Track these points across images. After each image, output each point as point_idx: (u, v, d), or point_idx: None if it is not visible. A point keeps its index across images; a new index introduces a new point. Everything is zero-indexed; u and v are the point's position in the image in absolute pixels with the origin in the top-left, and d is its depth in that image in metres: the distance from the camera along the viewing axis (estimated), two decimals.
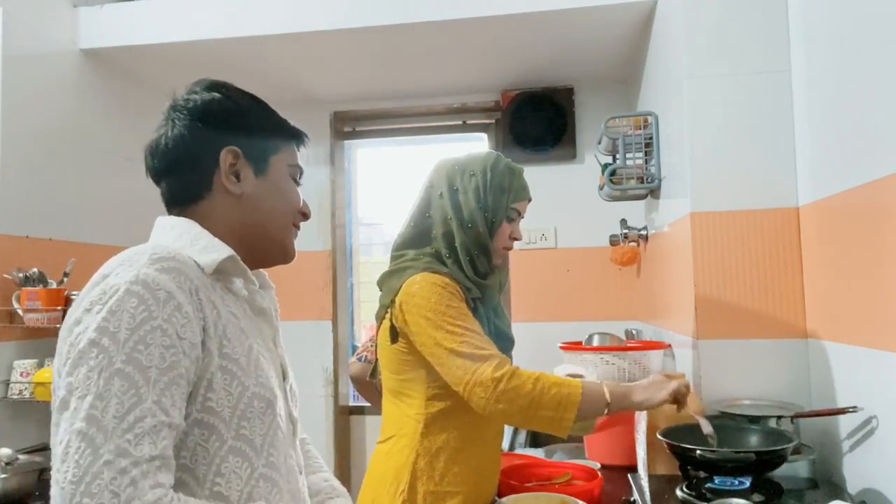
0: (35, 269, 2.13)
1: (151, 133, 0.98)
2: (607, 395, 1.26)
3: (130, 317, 0.77)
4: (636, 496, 1.34)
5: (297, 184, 1.03)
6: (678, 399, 1.30)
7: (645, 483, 1.32)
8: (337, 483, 1.14)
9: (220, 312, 0.86)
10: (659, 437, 1.38)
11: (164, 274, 0.81)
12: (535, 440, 2.42)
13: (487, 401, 1.25)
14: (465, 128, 3.18)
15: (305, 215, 1.04)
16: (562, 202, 2.94)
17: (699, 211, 1.71)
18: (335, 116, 3.17)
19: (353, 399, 3.12)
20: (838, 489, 1.39)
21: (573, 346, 1.90)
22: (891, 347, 1.22)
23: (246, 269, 0.94)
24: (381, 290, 1.51)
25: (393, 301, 1.41)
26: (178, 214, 0.96)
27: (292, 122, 1.04)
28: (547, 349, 2.14)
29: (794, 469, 1.44)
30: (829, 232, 1.49)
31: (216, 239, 0.92)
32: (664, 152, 2.09)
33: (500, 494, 1.42)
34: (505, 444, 2.19)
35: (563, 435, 1.26)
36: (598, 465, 1.61)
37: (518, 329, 3.04)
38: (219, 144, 0.95)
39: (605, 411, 1.27)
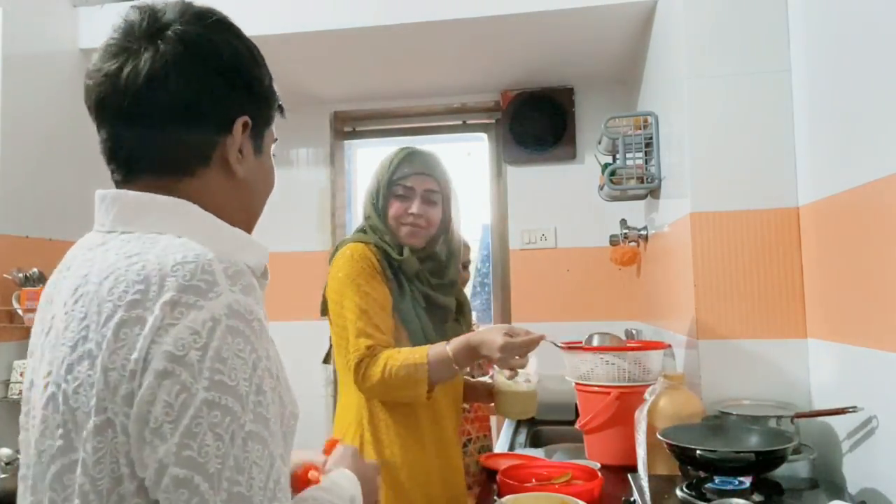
0: (35, 269, 2.14)
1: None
2: (450, 352, 1.42)
3: (243, 363, 0.63)
4: (636, 496, 1.34)
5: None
6: (507, 350, 1.40)
7: (645, 483, 1.32)
8: None
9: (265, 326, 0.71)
10: (659, 437, 1.38)
11: (249, 296, 0.66)
12: (535, 440, 2.42)
13: (357, 385, 1.45)
14: (465, 128, 3.18)
15: None
16: (562, 202, 2.94)
17: (699, 211, 1.71)
18: (335, 116, 3.17)
19: None
20: (838, 489, 1.39)
21: (573, 346, 1.90)
22: (891, 347, 1.22)
23: (268, 274, 0.81)
24: None
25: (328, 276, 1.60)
26: (152, 188, 0.72)
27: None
28: (547, 349, 2.14)
29: (794, 469, 1.44)
30: (829, 232, 1.49)
31: (238, 230, 0.76)
32: (664, 152, 2.09)
33: (500, 494, 1.42)
34: (505, 444, 2.19)
35: (421, 399, 1.42)
36: (598, 465, 1.61)
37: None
38: (234, 109, 0.75)
39: (455, 367, 1.43)
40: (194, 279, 0.63)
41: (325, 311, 1.60)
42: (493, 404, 1.69)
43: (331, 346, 1.65)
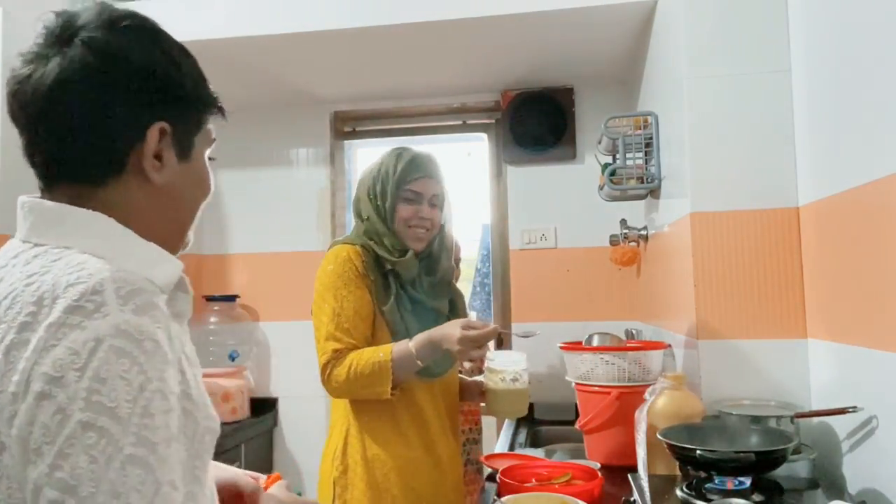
0: None
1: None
2: (412, 348, 1.47)
3: (126, 384, 0.60)
4: (636, 496, 1.34)
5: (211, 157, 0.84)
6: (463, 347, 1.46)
7: (645, 483, 1.32)
8: None
9: (176, 344, 0.69)
10: (659, 437, 1.38)
11: (143, 316, 0.64)
12: (535, 440, 2.42)
13: (323, 385, 1.51)
14: (465, 128, 3.18)
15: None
16: (562, 202, 2.94)
17: (699, 211, 1.71)
18: (335, 116, 3.17)
19: None
20: (838, 489, 1.39)
21: (573, 346, 1.90)
22: (891, 347, 1.22)
23: (187, 282, 0.79)
24: None
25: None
26: (65, 199, 0.72)
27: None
28: (547, 349, 2.14)
29: (794, 469, 1.44)
30: (829, 232, 1.49)
31: (151, 244, 0.73)
32: (664, 152, 2.09)
33: (500, 494, 1.42)
34: (505, 444, 2.19)
35: (385, 396, 1.48)
36: (598, 465, 1.61)
37: (518, 329, 3.04)
38: (147, 115, 0.72)
39: (419, 363, 1.48)
40: (82, 300, 0.62)
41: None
42: (483, 404, 1.71)
43: None
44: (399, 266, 1.57)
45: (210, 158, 0.83)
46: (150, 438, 0.61)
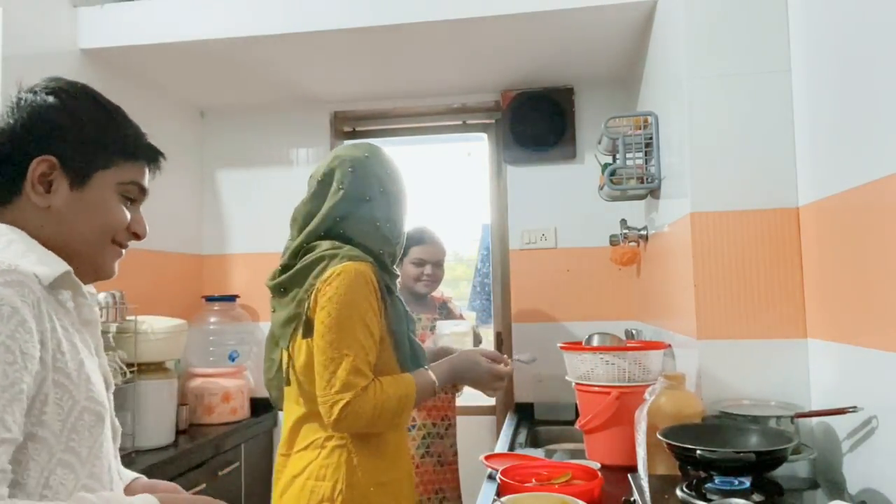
0: None
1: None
2: (435, 381, 1.48)
3: None
4: (636, 496, 1.34)
5: (132, 201, 1.00)
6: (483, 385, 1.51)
7: (645, 483, 1.32)
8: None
9: (55, 326, 0.86)
10: (659, 437, 1.38)
11: (9, 288, 0.81)
12: (535, 440, 2.43)
13: (335, 421, 1.37)
14: (465, 128, 3.18)
15: (137, 235, 1.01)
16: (562, 202, 2.94)
17: (699, 211, 1.71)
18: (335, 116, 3.17)
19: None
20: (838, 489, 1.39)
21: (573, 346, 1.90)
22: (891, 347, 1.22)
23: (79, 283, 0.93)
24: (284, 294, 1.53)
25: (312, 293, 1.43)
26: None
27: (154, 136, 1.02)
28: (547, 349, 2.14)
29: (794, 469, 1.44)
30: (829, 232, 1.49)
31: (48, 251, 0.90)
32: (664, 152, 2.09)
33: (500, 494, 1.42)
34: (505, 445, 2.19)
35: (402, 428, 1.51)
36: (598, 465, 1.61)
37: (518, 329, 3.05)
38: (34, 151, 0.92)
39: (435, 392, 1.50)
40: None
41: (308, 333, 1.44)
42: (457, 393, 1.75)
43: (291, 366, 1.51)
44: (395, 277, 1.57)
45: (129, 199, 1.00)
46: None
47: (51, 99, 0.95)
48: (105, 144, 0.97)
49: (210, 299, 3.03)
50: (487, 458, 1.80)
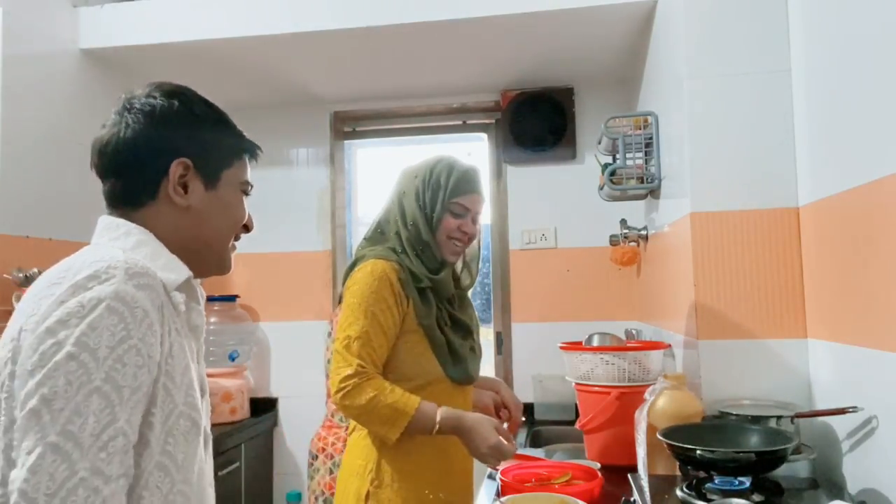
0: (35, 269, 2.13)
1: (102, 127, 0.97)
2: (437, 419, 1.41)
3: (111, 334, 0.78)
4: (636, 496, 1.34)
5: (246, 195, 1.04)
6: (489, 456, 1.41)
7: (645, 483, 1.32)
8: None
9: (170, 329, 0.87)
10: (659, 437, 1.38)
11: (142, 291, 0.82)
12: (535, 440, 2.43)
13: (335, 400, 1.43)
14: (465, 128, 3.18)
15: (248, 228, 1.05)
16: (562, 202, 2.94)
17: (699, 211, 1.71)
18: (335, 116, 3.17)
19: None
20: (838, 489, 1.39)
21: (573, 346, 1.90)
22: (891, 347, 1.22)
23: (195, 289, 0.95)
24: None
25: (343, 290, 1.54)
26: (120, 216, 0.95)
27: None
28: (547, 349, 2.14)
29: (794, 469, 1.44)
30: (829, 232, 1.49)
31: (174, 256, 0.93)
32: (664, 152, 2.09)
33: (500, 494, 1.42)
34: None
35: (389, 441, 1.42)
36: (598, 465, 1.61)
37: (518, 329, 3.05)
38: (170, 154, 0.94)
39: (434, 431, 1.41)
40: (99, 272, 0.82)
41: None
42: None
43: None
44: (437, 284, 1.55)
45: (246, 193, 1.03)
46: (117, 380, 0.78)
47: (176, 103, 0.96)
48: (227, 144, 1.00)
49: (210, 299, 3.03)
50: None
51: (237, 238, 1.04)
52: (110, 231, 0.93)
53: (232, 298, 3.06)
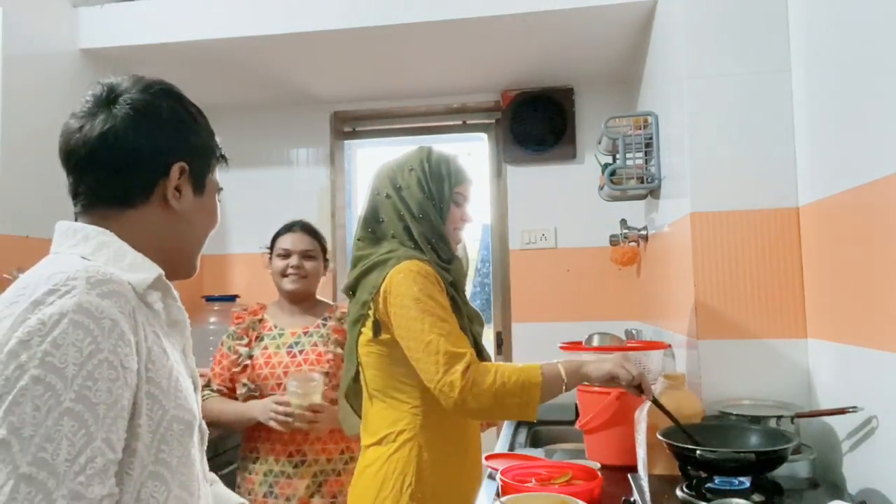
0: None
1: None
2: (563, 374, 1.35)
3: (77, 350, 0.74)
4: (636, 496, 1.34)
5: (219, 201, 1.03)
6: (624, 375, 1.37)
7: (645, 483, 1.32)
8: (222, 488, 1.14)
9: (146, 334, 0.83)
10: (659, 437, 1.38)
11: (107, 299, 0.78)
12: (535, 440, 2.42)
13: (457, 401, 1.31)
14: (465, 128, 3.18)
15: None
16: (562, 202, 2.94)
17: (699, 211, 1.71)
18: (335, 116, 3.17)
19: None
20: (838, 489, 1.39)
21: (573, 346, 1.90)
22: (891, 347, 1.22)
23: (170, 286, 0.91)
24: (354, 294, 1.57)
25: (374, 295, 1.46)
26: (98, 215, 0.90)
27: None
28: (547, 349, 2.14)
29: (794, 469, 1.44)
30: (829, 232, 1.49)
31: (139, 254, 0.88)
32: (664, 152, 2.09)
33: (500, 494, 1.42)
34: (505, 444, 2.19)
35: (532, 418, 1.34)
36: (598, 465, 1.61)
37: (518, 329, 3.05)
38: (171, 156, 0.91)
39: (564, 388, 1.36)
40: (59, 285, 0.77)
41: (378, 333, 1.47)
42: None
43: (358, 366, 1.56)
44: (455, 275, 1.55)
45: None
46: (89, 398, 0.73)
47: (173, 103, 0.93)
48: (211, 148, 0.98)
49: (210, 299, 3.03)
50: (487, 458, 1.79)
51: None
52: (68, 238, 0.89)
53: (232, 298, 3.05)
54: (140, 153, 0.89)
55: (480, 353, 1.54)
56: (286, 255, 2.06)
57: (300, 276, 2.06)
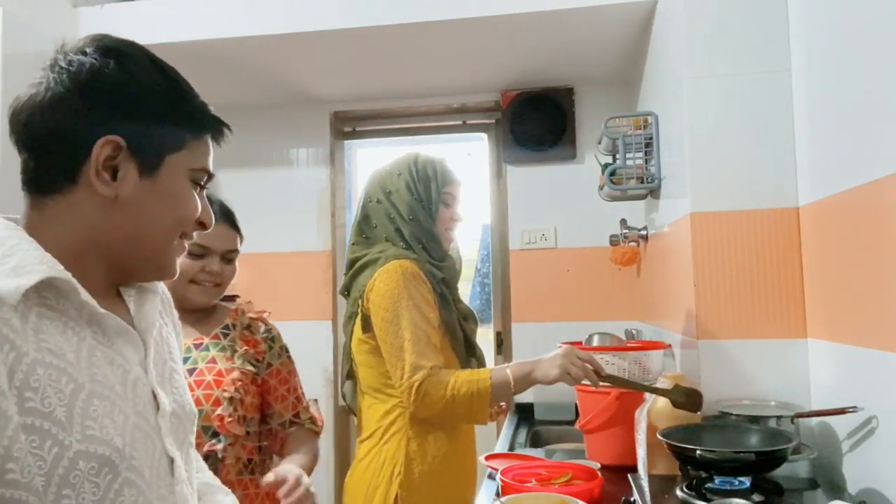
0: None
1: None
2: (511, 382, 1.46)
3: None
4: (636, 496, 1.34)
5: (202, 188, 0.84)
6: (573, 375, 1.45)
7: (645, 483, 1.32)
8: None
9: (20, 354, 0.65)
10: (659, 437, 1.38)
11: None
12: (535, 440, 2.43)
13: (413, 405, 1.45)
14: (465, 128, 3.18)
15: (203, 225, 0.85)
16: (562, 202, 2.94)
17: (699, 211, 1.71)
18: (335, 116, 3.17)
19: None
20: (838, 489, 1.39)
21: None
22: (891, 347, 1.22)
23: (79, 292, 0.72)
24: (349, 294, 1.64)
25: (363, 292, 1.54)
26: (29, 206, 0.78)
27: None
28: (547, 349, 2.14)
29: (794, 469, 1.44)
30: (829, 232, 1.49)
31: (38, 252, 0.71)
32: (664, 152, 2.09)
33: (500, 494, 1.42)
34: (504, 444, 2.19)
35: (482, 423, 1.48)
36: (598, 465, 1.61)
37: (518, 329, 3.06)
38: (97, 129, 0.74)
39: (512, 393, 1.48)
40: None
41: (367, 328, 1.55)
42: None
43: (352, 362, 1.65)
44: (447, 274, 1.59)
45: (197, 184, 0.84)
46: None
47: (111, 63, 0.75)
48: (175, 120, 0.80)
49: None
50: (487, 458, 1.80)
51: (189, 237, 0.84)
52: None
53: (232, 298, 3.05)
54: (61, 125, 0.74)
55: (472, 350, 1.59)
56: (201, 254, 1.49)
57: (215, 286, 1.54)
